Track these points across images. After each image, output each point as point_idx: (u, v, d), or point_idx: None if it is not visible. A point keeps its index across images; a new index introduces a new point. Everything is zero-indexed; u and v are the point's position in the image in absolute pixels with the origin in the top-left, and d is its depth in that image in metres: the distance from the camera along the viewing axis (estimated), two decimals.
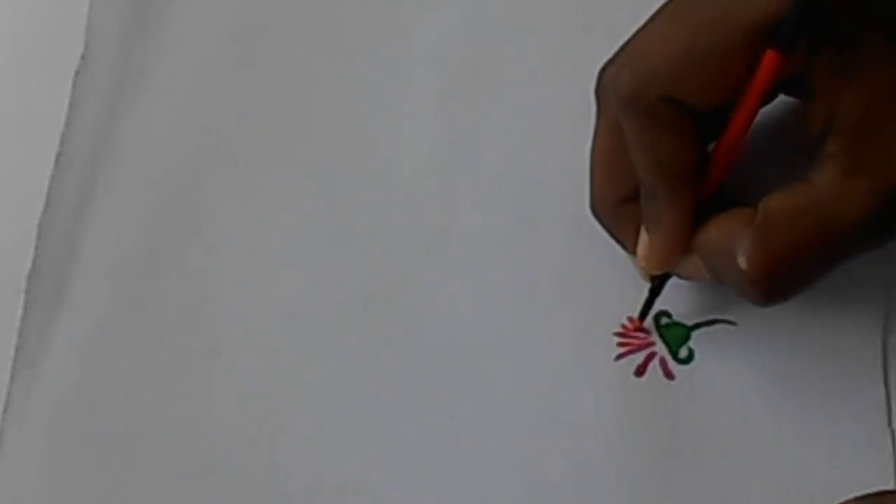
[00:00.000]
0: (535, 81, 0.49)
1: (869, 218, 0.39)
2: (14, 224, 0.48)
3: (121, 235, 0.48)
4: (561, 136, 0.48)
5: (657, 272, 0.44)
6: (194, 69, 0.50)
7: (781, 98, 0.43)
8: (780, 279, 0.40)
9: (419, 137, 0.48)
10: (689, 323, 0.45)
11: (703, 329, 0.45)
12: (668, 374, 0.44)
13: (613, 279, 0.46)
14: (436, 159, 0.48)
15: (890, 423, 0.43)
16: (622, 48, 0.42)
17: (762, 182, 0.41)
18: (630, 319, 0.45)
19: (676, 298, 0.45)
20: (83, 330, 0.46)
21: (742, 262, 0.40)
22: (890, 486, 0.42)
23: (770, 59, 0.39)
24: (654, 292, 0.44)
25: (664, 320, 0.45)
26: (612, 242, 0.44)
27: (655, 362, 0.45)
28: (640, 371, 0.45)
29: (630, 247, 0.44)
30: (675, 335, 0.45)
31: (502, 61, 0.49)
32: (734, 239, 0.40)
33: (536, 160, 0.48)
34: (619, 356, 0.45)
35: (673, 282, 0.44)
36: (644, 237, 0.43)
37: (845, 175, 0.39)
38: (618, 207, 0.43)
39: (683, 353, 0.45)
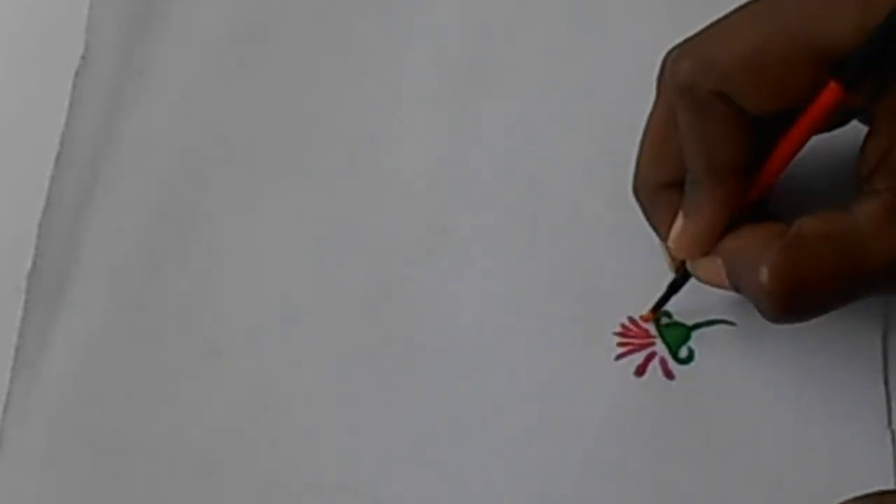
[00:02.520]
0: (535, 81, 0.49)
1: None
2: (14, 224, 0.48)
3: (121, 235, 0.48)
4: (561, 136, 0.48)
5: (683, 257, 0.43)
6: (194, 69, 0.50)
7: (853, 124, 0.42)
8: (797, 299, 0.40)
9: (419, 137, 0.48)
10: (690, 323, 0.45)
11: (704, 329, 0.45)
12: (668, 374, 0.44)
13: (613, 279, 0.46)
14: (436, 159, 0.48)
15: (890, 423, 0.43)
16: (691, 36, 0.41)
17: (802, 204, 0.41)
18: (630, 319, 0.45)
19: (677, 298, 0.45)
20: (83, 330, 0.46)
21: (763, 273, 0.39)
22: (890, 486, 0.42)
23: (831, 90, 0.39)
24: (673, 288, 0.44)
25: (664, 320, 0.45)
26: (612, 242, 0.44)
27: (655, 362, 0.45)
28: (640, 371, 0.45)
29: (663, 233, 0.43)
30: (676, 335, 0.45)
31: (502, 61, 0.49)
32: (761, 250, 0.40)
33: (536, 160, 0.48)
34: (619, 356, 0.45)
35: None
36: (679, 222, 0.42)
37: (887, 214, 0.39)
38: (659, 191, 0.43)
39: (683, 353, 0.45)
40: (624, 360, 0.45)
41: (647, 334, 0.45)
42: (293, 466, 0.44)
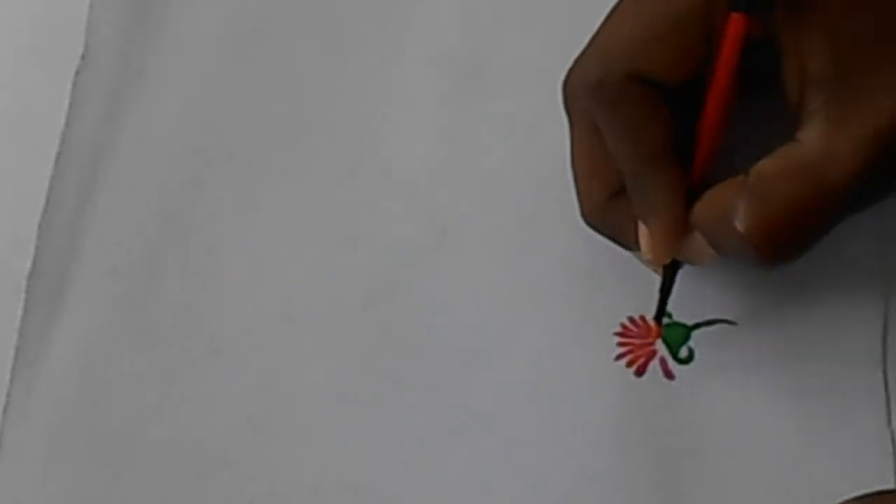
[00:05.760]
0: (535, 81, 0.49)
1: (861, 167, 0.39)
2: (14, 224, 0.48)
3: (121, 235, 0.48)
4: (561, 135, 0.48)
5: (668, 259, 0.43)
6: (194, 69, 0.50)
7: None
8: (781, 240, 0.39)
9: (419, 137, 0.48)
10: (690, 323, 0.45)
11: (703, 329, 0.45)
12: (668, 374, 0.45)
13: (613, 279, 0.46)
14: (436, 159, 0.48)
15: (890, 423, 0.43)
16: (581, 52, 0.42)
17: (752, 152, 0.41)
18: (630, 319, 0.45)
19: (677, 298, 0.45)
20: (83, 330, 0.46)
21: (739, 225, 0.39)
22: (890, 486, 0.42)
23: (736, 23, 0.39)
24: (667, 287, 0.44)
25: (664, 320, 0.45)
26: (612, 242, 0.44)
27: (655, 362, 0.45)
28: (640, 371, 0.45)
29: (632, 241, 0.43)
30: (676, 335, 0.45)
31: (502, 61, 0.49)
32: (729, 205, 0.40)
33: (536, 160, 0.48)
34: (620, 356, 0.45)
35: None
36: (643, 230, 0.42)
37: (831, 128, 0.39)
38: (609, 206, 0.43)
39: (683, 353, 0.45)
40: (624, 360, 0.45)
41: (648, 334, 0.45)
42: (293, 466, 0.44)
